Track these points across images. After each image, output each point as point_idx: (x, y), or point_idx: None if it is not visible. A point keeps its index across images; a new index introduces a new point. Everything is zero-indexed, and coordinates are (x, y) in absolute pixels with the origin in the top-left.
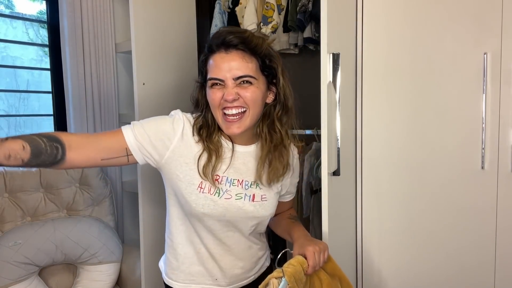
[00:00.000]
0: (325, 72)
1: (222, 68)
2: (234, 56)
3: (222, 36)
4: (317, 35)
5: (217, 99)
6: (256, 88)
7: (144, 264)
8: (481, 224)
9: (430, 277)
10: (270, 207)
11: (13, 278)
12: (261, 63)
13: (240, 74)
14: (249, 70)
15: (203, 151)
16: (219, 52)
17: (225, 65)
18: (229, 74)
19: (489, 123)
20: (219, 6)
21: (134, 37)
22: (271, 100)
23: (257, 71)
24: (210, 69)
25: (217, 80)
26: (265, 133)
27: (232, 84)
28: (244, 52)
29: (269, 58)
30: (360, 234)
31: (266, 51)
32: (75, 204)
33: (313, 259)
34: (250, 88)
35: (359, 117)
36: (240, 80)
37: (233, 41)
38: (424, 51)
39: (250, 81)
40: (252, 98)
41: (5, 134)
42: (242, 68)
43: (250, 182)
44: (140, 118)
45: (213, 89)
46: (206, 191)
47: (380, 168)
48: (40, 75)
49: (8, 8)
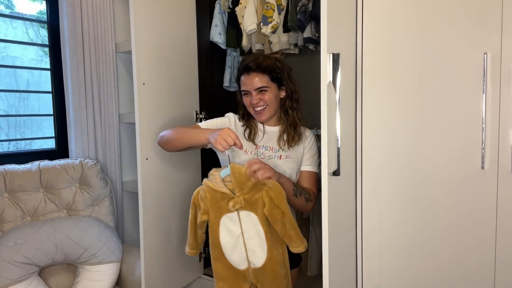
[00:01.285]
0: (325, 72)
1: (247, 84)
2: (253, 76)
3: (244, 63)
4: (317, 35)
5: (248, 102)
6: (270, 93)
7: (144, 264)
8: (481, 224)
9: (430, 277)
10: (292, 163)
11: (13, 278)
12: (270, 76)
13: (258, 86)
14: (263, 83)
15: (246, 128)
16: (244, 74)
17: (248, 82)
18: (252, 87)
19: (489, 123)
20: (219, 6)
21: (134, 37)
22: (284, 95)
23: (269, 82)
24: (241, 84)
25: (245, 91)
26: (283, 117)
27: (254, 92)
28: (258, 73)
29: (276, 72)
30: (360, 234)
31: (274, 67)
32: (75, 204)
33: (249, 163)
34: (266, 94)
35: (359, 117)
36: (259, 89)
37: (252, 66)
38: (424, 51)
39: (265, 89)
40: (268, 99)
41: (5, 134)
42: (259, 82)
43: (277, 148)
44: (140, 118)
45: (245, 97)
46: (249, 153)
47: (380, 168)
48: (40, 75)
49: (8, 8)
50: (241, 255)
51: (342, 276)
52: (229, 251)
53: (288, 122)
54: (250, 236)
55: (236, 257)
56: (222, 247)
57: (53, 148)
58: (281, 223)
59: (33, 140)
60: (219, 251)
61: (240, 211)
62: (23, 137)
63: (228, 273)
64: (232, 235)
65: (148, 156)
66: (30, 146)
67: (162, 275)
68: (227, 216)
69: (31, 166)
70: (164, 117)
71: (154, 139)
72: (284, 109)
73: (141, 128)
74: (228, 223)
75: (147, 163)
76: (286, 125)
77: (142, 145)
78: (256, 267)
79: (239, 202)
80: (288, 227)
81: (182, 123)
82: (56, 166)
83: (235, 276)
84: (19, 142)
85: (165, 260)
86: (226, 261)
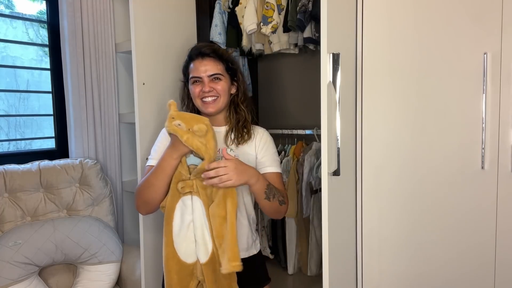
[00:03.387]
0: (325, 72)
1: (200, 70)
2: (208, 61)
3: (198, 48)
4: (317, 35)
5: (197, 92)
6: (224, 82)
7: (144, 264)
8: (481, 224)
9: (430, 277)
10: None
11: (13, 278)
12: (226, 65)
13: (213, 73)
14: (218, 70)
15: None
16: (197, 59)
17: (202, 67)
18: (205, 73)
19: (489, 123)
20: (219, 6)
21: (134, 37)
22: (234, 92)
23: (224, 71)
24: (191, 70)
25: (196, 78)
26: (232, 114)
27: (207, 80)
28: (214, 59)
29: (231, 62)
30: (360, 234)
31: (229, 58)
32: (75, 204)
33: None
34: (220, 83)
35: (359, 117)
36: (212, 77)
37: (207, 51)
38: (424, 51)
39: (220, 77)
40: (222, 89)
41: (5, 134)
42: (214, 69)
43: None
44: (140, 118)
45: (193, 85)
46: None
47: (380, 168)
48: (40, 75)
49: (8, 8)
50: (190, 246)
51: (342, 276)
52: (179, 240)
53: (237, 120)
54: (198, 225)
55: (184, 249)
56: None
57: (53, 148)
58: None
59: (33, 140)
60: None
61: (193, 195)
62: (23, 137)
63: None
64: (184, 222)
65: (148, 156)
66: (30, 146)
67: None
68: (182, 200)
69: (31, 166)
70: (164, 117)
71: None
72: (234, 106)
73: (141, 128)
74: (182, 207)
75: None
76: (234, 123)
77: (142, 145)
78: (201, 262)
79: (190, 185)
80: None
81: None
82: (56, 166)
83: (181, 271)
84: (19, 142)
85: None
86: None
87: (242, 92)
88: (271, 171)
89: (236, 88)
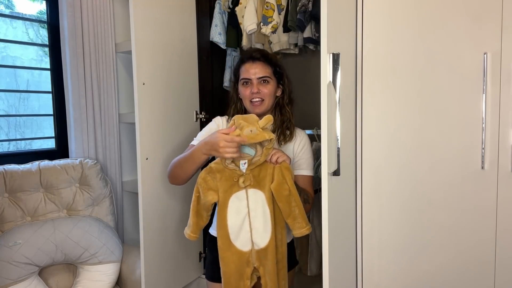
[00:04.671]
0: (325, 72)
1: (250, 72)
2: (257, 65)
3: (250, 52)
4: (317, 35)
5: (247, 93)
6: (271, 86)
7: (144, 264)
8: (481, 224)
9: (430, 277)
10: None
11: (13, 278)
12: (274, 69)
13: (262, 75)
14: (267, 73)
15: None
16: (248, 62)
17: (252, 70)
18: (255, 76)
19: (489, 123)
20: (219, 6)
21: (134, 37)
22: (280, 94)
23: (271, 74)
24: (242, 72)
25: (247, 79)
26: (278, 115)
27: (256, 82)
28: (263, 62)
29: (278, 67)
30: (360, 234)
31: (277, 63)
32: (75, 204)
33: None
34: (267, 86)
35: (359, 117)
36: (261, 79)
37: (257, 55)
38: (424, 51)
39: (268, 80)
40: (268, 92)
41: (5, 134)
42: (262, 72)
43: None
44: (140, 118)
45: (243, 87)
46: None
47: (380, 168)
48: (40, 75)
49: (8, 8)
50: (246, 235)
51: (342, 276)
52: (235, 231)
53: (282, 121)
54: (256, 214)
55: (241, 238)
56: (228, 228)
57: (53, 148)
58: (286, 200)
59: (33, 140)
60: (225, 233)
61: (248, 189)
62: (23, 137)
63: (232, 256)
64: (239, 215)
65: (148, 156)
66: (30, 146)
67: (162, 275)
68: (235, 196)
69: (31, 166)
70: (164, 117)
71: (154, 139)
72: (279, 107)
73: (141, 128)
74: (236, 202)
75: (147, 163)
76: (279, 123)
77: (142, 145)
78: (260, 247)
79: (249, 179)
80: (293, 205)
81: (182, 122)
82: (56, 166)
83: (238, 260)
84: (19, 142)
85: (165, 260)
86: (231, 244)
87: (287, 95)
88: (305, 174)
89: (282, 91)
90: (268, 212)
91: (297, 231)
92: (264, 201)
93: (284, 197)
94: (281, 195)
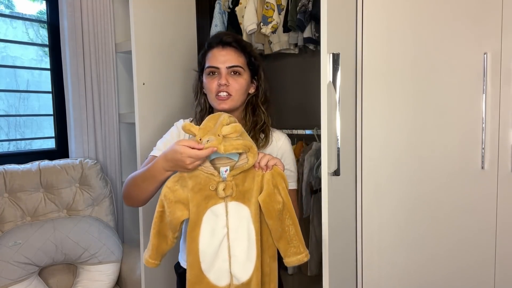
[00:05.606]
0: (325, 72)
1: (219, 59)
2: (228, 51)
3: (220, 36)
4: (317, 35)
5: (213, 85)
6: (243, 79)
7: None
8: (481, 224)
9: (430, 277)
10: None
11: (13, 278)
12: (248, 59)
13: (232, 64)
14: (239, 62)
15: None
16: (217, 47)
17: (221, 57)
18: (224, 64)
19: (489, 123)
20: (219, 6)
21: (134, 37)
22: (253, 91)
23: (245, 65)
24: (208, 60)
25: (213, 68)
26: (249, 116)
27: (225, 71)
28: (236, 49)
29: (254, 57)
30: (360, 234)
31: (252, 52)
32: (75, 204)
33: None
34: (238, 79)
35: (359, 117)
36: (231, 69)
37: (228, 39)
38: (424, 51)
39: (239, 71)
40: (238, 87)
41: (5, 134)
42: (234, 60)
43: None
44: (140, 118)
45: (209, 78)
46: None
47: (380, 168)
48: (40, 75)
49: (8, 8)
50: (223, 265)
51: (342, 276)
52: (209, 259)
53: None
54: (237, 236)
55: (216, 269)
56: (200, 255)
57: (53, 148)
58: (278, 216)
59: (33, 140)
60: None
61: (228, 201)
62: (23, 137)
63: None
64: (215, 236)
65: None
66: (30, 146)
67: (162, 275)
68: (211, 210)
69: (31, 166)
70: (164, 117)
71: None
72: (252, 106)
73: (141, 128)
74: (212, 219)
75: None
76: (250, 126)
77: (142, 145)
78: (240, 282)
79: (231, 187)
80: (287, 223)
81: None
82: (56, 166)
83: None
84: (19, 142)
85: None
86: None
87: (262, 92)
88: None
89: (256, 88)
90: (254, 233)
91: (292, 258)
92: (249, 218)
93: (276, 212)
94: (272, 209)
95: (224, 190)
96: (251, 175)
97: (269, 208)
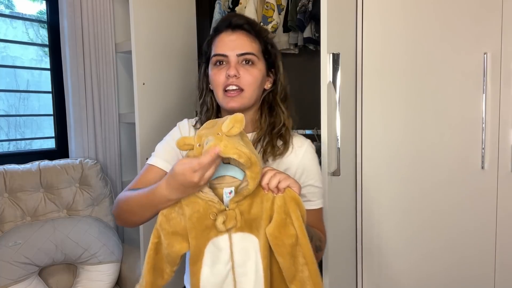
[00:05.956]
0: (325, 72)
1: (228, 44)
2: (239, 34)
3: (229, 18)
4: (317, 35)
5: (220, 78)
6: (257, 70)
7: None
8: (481, 223)
9: (430, 277)
10: None
11: (13, 278)
12: (263, 46)
13: (244, 51)
14: (252, 48)
15: None
16: (226, 31)
17: (230, 42)
18: (233, 50)
19: (489, 123)
20: (219, 6)
21: (134, 37)
22: (269, 87)
23: (259, 53)
24: (215, 46)
25: (221, 55)
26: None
27: (235, 60)
28: (248, 33)
29: (270, 44)
30: (360, 234)
31: (268, 39)
32: (75, 204)
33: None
34: (251, 70)
35: (359, 117)
36: (243, 57)
37: (239, 21)
38: (424, 51)
39: (253, 60)
40: (252, 80)
41: (5, 134)
42: (246, 45)
43: None
44: (140, 118)
45: (215, 69)
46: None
47: (380, 168)
48: (40, 75)
49: (8, 8)
50: None
51: (342, 276)
52: None
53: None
54: (244, 272)
55: None
56: None
57: (53, 148)
58: (290, 254)
59: (33, 140)
60: None
61: (233, 233)
62: (23, 137)
63: None
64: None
65: (148, 156)
66: (30, 146)
67: None
68: (212, 243)
69: (31, 166)
70: (164, 117)
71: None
72: (268, 104)
73: (141, 128)
74: (214, 252)
75: None
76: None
77: (142, 145)
78: None
79: (234, 218)
80: (301, 263)
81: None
82: (56, 166)
83: None
84: (19, 142)
85: None
86: None
87: (281, 88)
88: (313, 207)
89: (273, 82)
90: (262, 269)
91: None
92: (258, 251)
93: (287, 248)
94: (282, 244)
95: (224, 223)
96: (259, 198)
97: (278, 244)
